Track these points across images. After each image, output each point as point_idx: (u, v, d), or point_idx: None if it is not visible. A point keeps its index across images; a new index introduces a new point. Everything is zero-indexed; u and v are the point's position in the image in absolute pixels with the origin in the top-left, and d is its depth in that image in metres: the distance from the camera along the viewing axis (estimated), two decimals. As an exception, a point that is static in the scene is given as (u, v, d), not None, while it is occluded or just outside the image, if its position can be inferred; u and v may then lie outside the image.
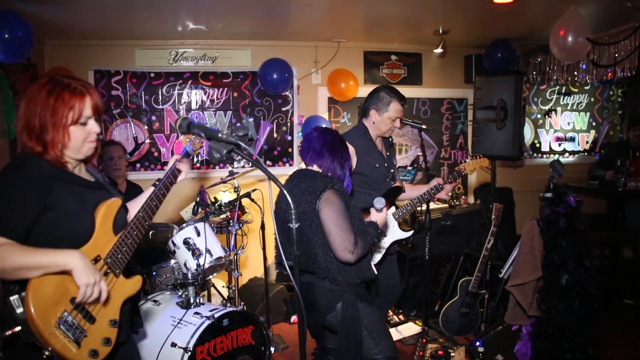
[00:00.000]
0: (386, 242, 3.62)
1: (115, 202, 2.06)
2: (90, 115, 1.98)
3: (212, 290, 4.56)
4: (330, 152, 2.87)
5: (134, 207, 2.25)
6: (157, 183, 2.30)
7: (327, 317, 2.81)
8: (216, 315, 3.35)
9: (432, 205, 3.88)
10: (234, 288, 4.41)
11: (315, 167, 2.91)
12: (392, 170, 3.78)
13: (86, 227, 1.93)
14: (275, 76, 5.66)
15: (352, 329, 2.74)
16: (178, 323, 3.39)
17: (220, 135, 1.98)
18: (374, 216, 2.90)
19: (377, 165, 3.66)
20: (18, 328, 1.74)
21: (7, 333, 1.74)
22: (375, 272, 2.92)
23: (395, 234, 3.63)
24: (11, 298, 1.76)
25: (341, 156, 2.90)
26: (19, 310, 1.74)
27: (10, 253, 1.71)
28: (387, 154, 3.82)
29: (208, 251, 3.81)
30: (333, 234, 2.65)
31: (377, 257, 3.56)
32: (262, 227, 4.57)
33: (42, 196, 1.83)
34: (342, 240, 2.64)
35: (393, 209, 3.65)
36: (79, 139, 1.96)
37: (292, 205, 2.05)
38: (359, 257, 2.67)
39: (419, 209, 4.73)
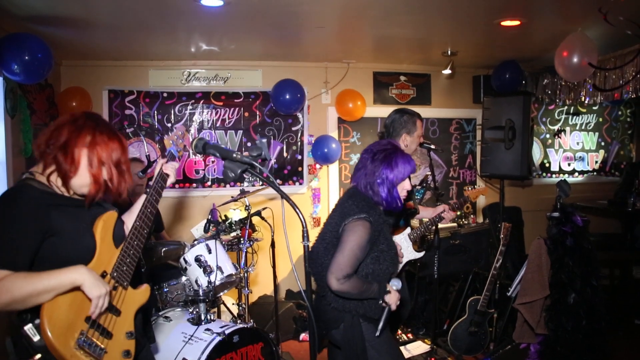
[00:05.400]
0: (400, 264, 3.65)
1: (112, 215, 2.08)
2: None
3: (222, 307, 4.59)
4: (363, 170, 2.75)
5: (130, 217, 2.27)
6: (148, 190, 2.29)
7: (331, 332, 2.80)
8: (227, 332, 3.38)
9: (441, 225, 3.91)
10: (244, 305, 4.44)
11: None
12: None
13: (88, 246, 1.95)
14: (287, 97, 5.74)
15: (355, 350, 2.69)
16: (189, 339, 3.42)
17: (234, 155, 2.04)
18: (392, 295, 2.70)
19: None
20: (38, 356, 1.75)
21: None
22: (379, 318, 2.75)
23: (409, 254, 3.67)
24: (26, 328, 1.77)
25: (373, 174, 2.70)
26: (36, 339, 1.76)
27: (16, 283, 1.71)
28: None
29: (219, 268, 3.85)
30: (336, 256, 2.59)
31: None
32: (272, 245, 4.61)
33: (40, 224, 1.84)
34: (338, 264, 2.55)
35: (408, 229, 3.70)
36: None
37: (304, 223, 2.09)
38: (342, 292, 2.57)
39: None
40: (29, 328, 1.77)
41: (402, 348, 4.77)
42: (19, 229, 1.79)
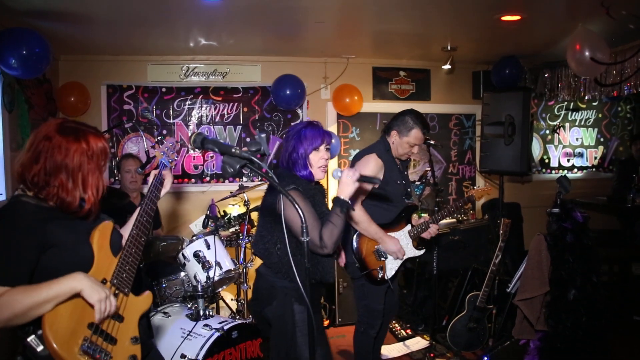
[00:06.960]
0: (400, 260, 3.64)
1: (107, 225, 2.07)
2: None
3: (221, 303, 4.59)
4: (283, 151, 2.91)
5: (126, 229, 2.27)
6: (142, 200, 2.30)
7: (264, 309, 2.82)
8: (225, 328, 3.38)
9: (441, 221, 3.89)
10: (242, 301, 4.44)
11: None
12: (408, 189, 3.82)
13: (86, 256, 1.95)
14: (288, 92, 5.73)
15: (285, 331, 2.71)
16: (188, 335, 3.42)
17: (233, 150, 2.03)
18: (339, 186, 2.67)
19: (398, 182, 3.69)
20: None
21: None
22: (334, 278, 2.82)
23: (409, 252, 3.65)
24: (29, 339, 1.76)
25: (287, 151, 2.85)
26: (40, 349, 1.75)
27: (15, 297, 1.71)
28: (405, 172, 3.86)
29: (218, 264, 3.84)
30: (309, 227, 2.41)
31: (391, 273, 3.59)
32: (271, 240, 4.59)
33: (37, 238, 1.83)
34: (312, 229, 2.53)
35: (409, 226, 3.68)
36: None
37: (303, 219, 2.07)
38: (333, 246, 2.60)
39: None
40: (32, 339, 1.76)
41: (401, 344, 4.79)
42: (17, 246, 1.79)
